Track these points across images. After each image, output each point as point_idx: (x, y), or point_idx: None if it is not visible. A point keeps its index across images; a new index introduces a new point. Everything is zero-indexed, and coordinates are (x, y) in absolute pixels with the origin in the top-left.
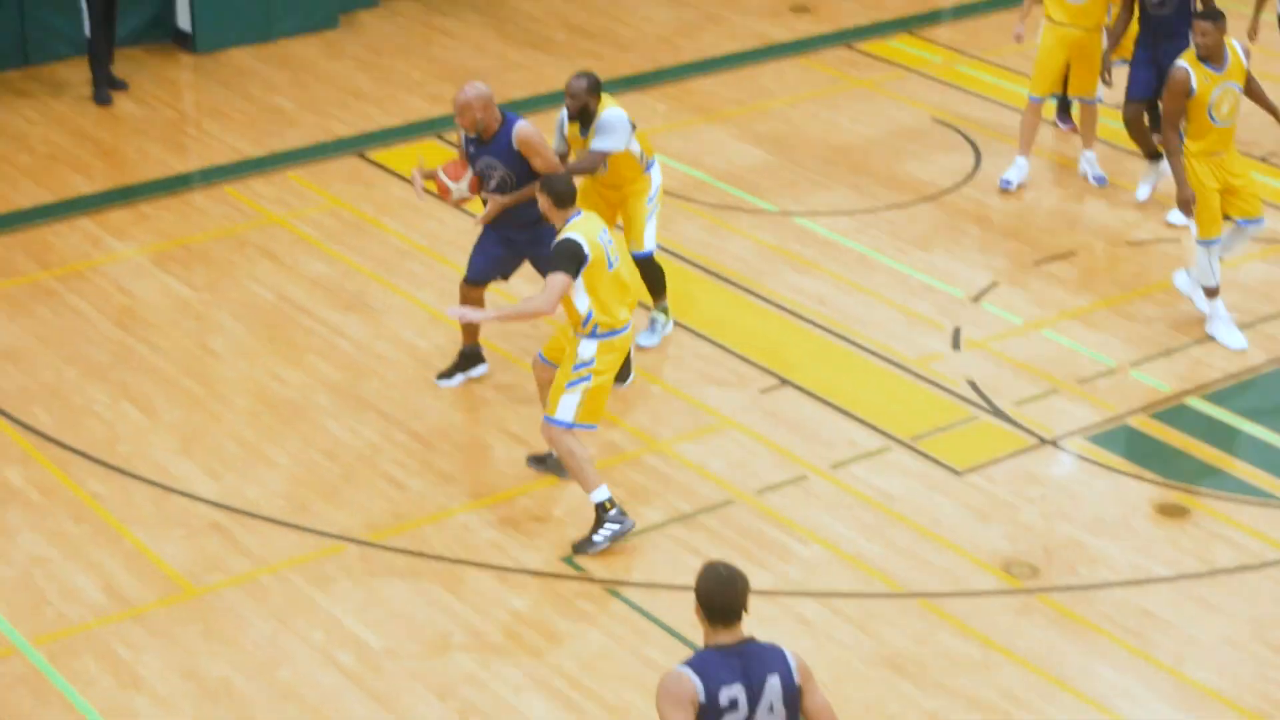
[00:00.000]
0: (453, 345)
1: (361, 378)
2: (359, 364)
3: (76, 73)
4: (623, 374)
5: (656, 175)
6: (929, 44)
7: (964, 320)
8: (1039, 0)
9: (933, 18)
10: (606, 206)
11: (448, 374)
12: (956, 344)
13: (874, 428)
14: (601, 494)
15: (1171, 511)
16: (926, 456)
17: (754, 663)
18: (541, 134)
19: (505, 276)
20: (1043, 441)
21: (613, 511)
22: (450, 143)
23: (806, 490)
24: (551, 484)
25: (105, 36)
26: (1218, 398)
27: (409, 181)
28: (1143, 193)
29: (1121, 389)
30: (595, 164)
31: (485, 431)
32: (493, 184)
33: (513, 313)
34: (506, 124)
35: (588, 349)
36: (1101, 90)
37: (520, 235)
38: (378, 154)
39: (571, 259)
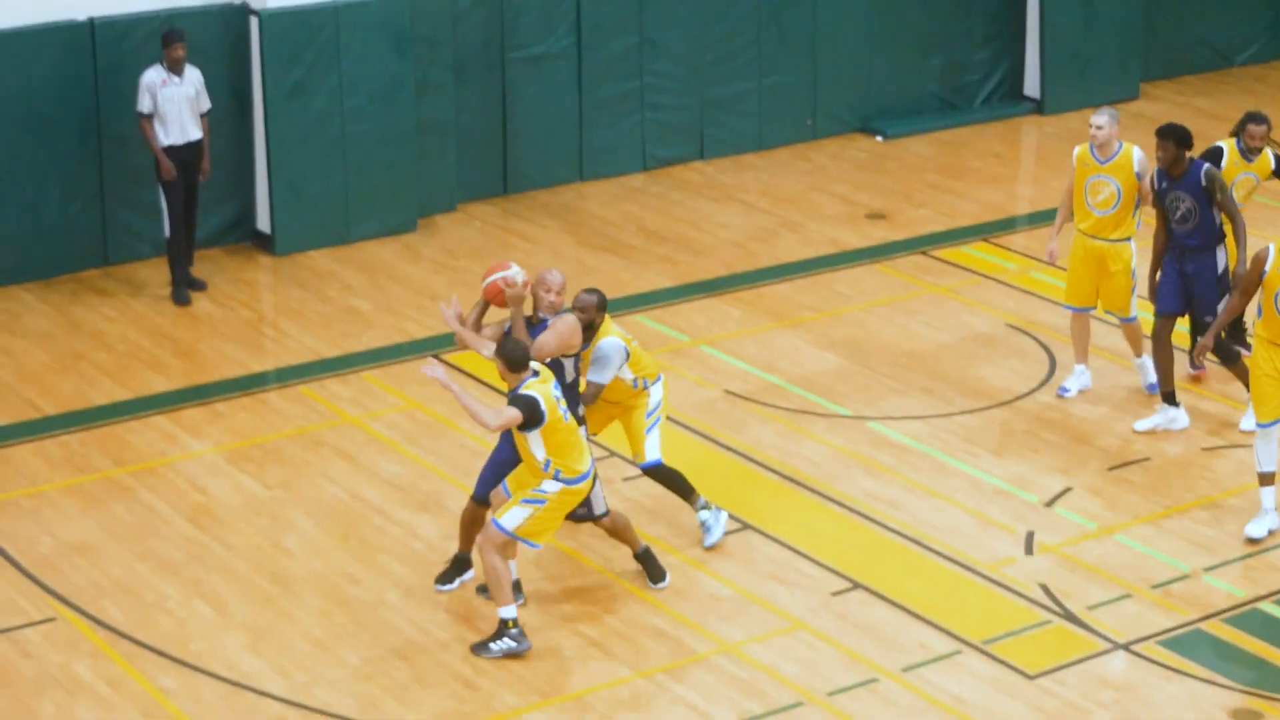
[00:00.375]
0: (525, 548)
1: (434, 578)
2: (432, 564)
3: (156, 273)
4: (657, 574)
5: (657, 392)
6: (1003, 251)
7: (1037, 525)
8: (1072, 216)
9: (1007, 225)
10: (606, 418)
11: (445, 579)
12: (1029, 549)
13: (946, 631)
14: (509, 612)
15: (1246, 717)
16: (998, 660)
17: None
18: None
19: None
20: (1115, 646)
21: (514, 630)
22: None
23: (877, 694)
24: (617, 683)
25: (185, 237)
26: None
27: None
28: (1143, 425)
29: (1195, 594)
30: (595, 396)
31: (554, 632)
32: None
33: (468, 402)
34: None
35: (551, 487)
36: (1135, 308)
37: None
38: (453, 356)
39: (526, 408)
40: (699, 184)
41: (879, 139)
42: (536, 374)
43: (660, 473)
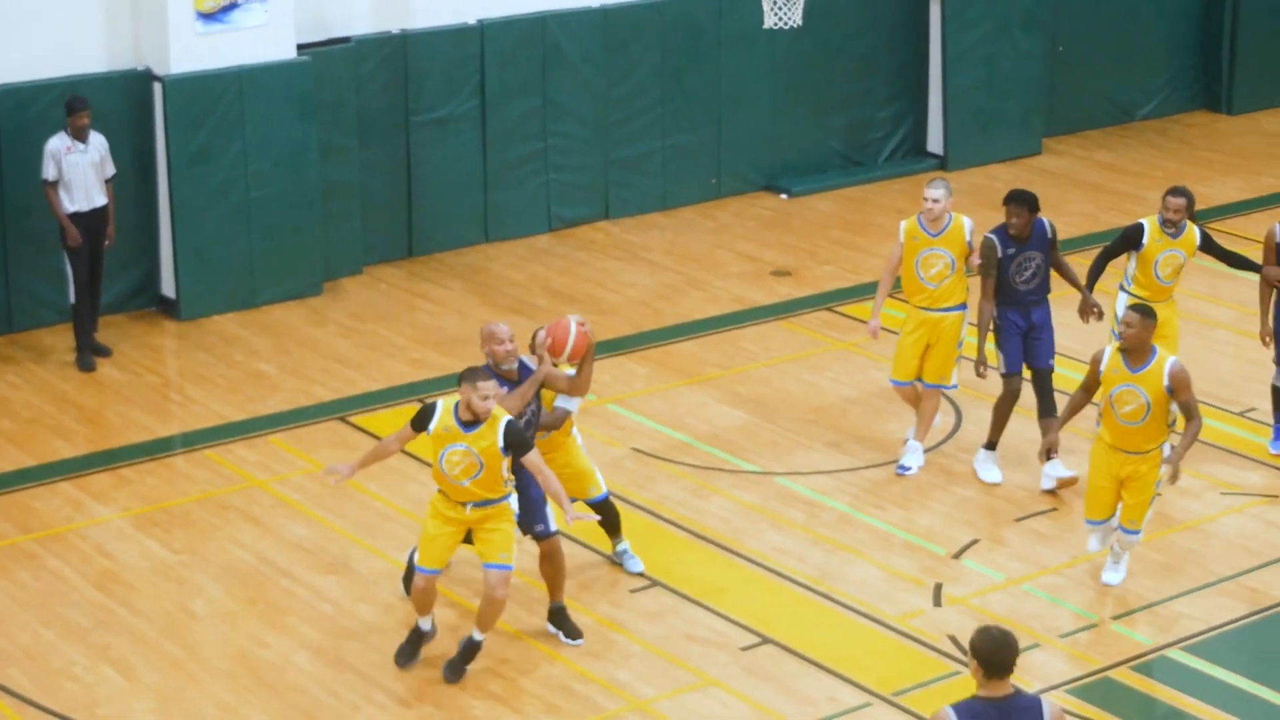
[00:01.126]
0: (436, 608)
1: (342, 640)
2: (340, 626)
3: (61, 339)
4: (573, 631)
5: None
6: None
7: (945, 577)
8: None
9: None
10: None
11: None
12: (938, 600)
13: (855, 684)
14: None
15: None
16: (908, 712)
17: (1014, 714)
18: None
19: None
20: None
21: None
22: None
23: None
24: None
25: (90, 304)
26: (1198, 650)
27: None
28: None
29: (1103, 642)
30: (562, 421)
31: (465, 693)
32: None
33: (552, 482)
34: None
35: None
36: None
37: None
38: (360, 418)
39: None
40: (604, 244)
41: (783, 197)
42: None
43: (609, 506)
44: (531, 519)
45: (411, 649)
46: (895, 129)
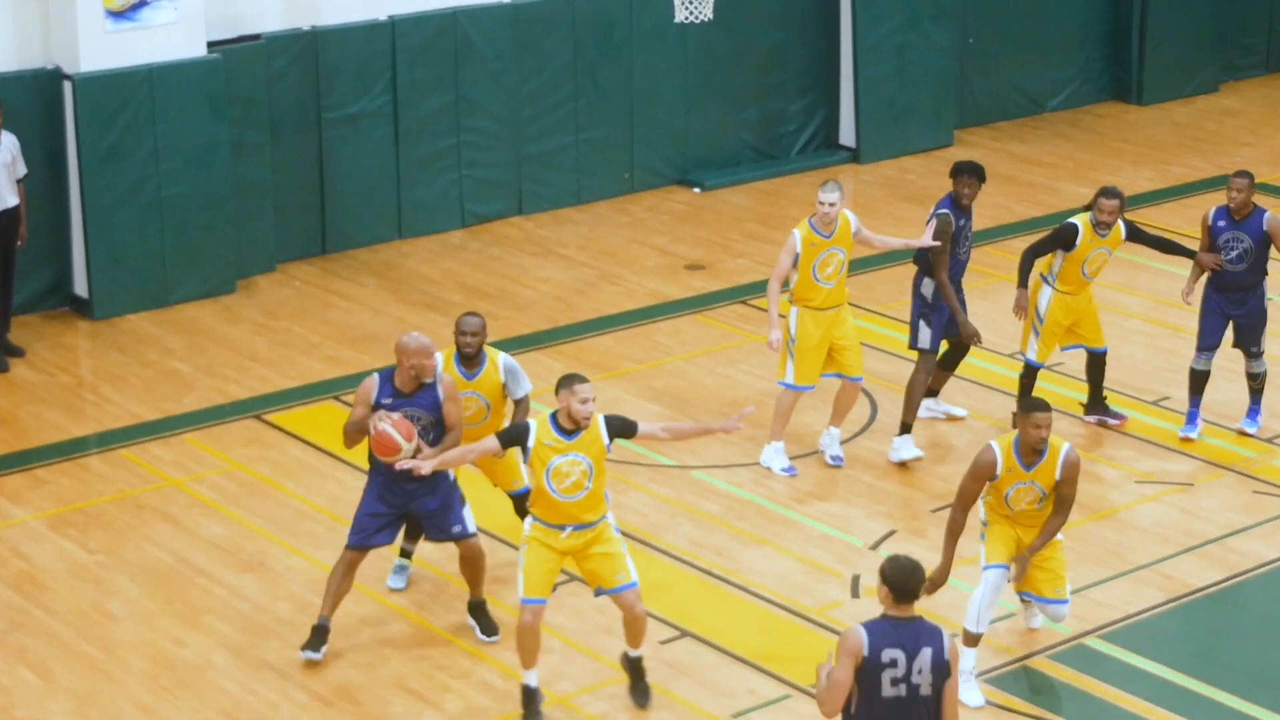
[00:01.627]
0: (354, 605)
1: (260, 638)
2: (258, 624)
3: None
4: (489, 628)
5: None
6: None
7: (863, 568)
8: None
9: None
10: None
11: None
12: (856, 592)
13: (775, 676)
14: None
15: None
16: None
17: (916, 634)
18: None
19: (390, 540)
20: None
21: None
22: (346, 403)
23: None
24: None
25: (1, 303)
26: (1115, 637)
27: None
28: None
29: (1021, 632)
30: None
31: (384, 689)
32: (419, 430)
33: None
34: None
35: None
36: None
37: (409, 488)
38: (275, 416)
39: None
40: (518, 239)
41: (696, 190)
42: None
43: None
44: (448, 521)
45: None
46: (807, 122)
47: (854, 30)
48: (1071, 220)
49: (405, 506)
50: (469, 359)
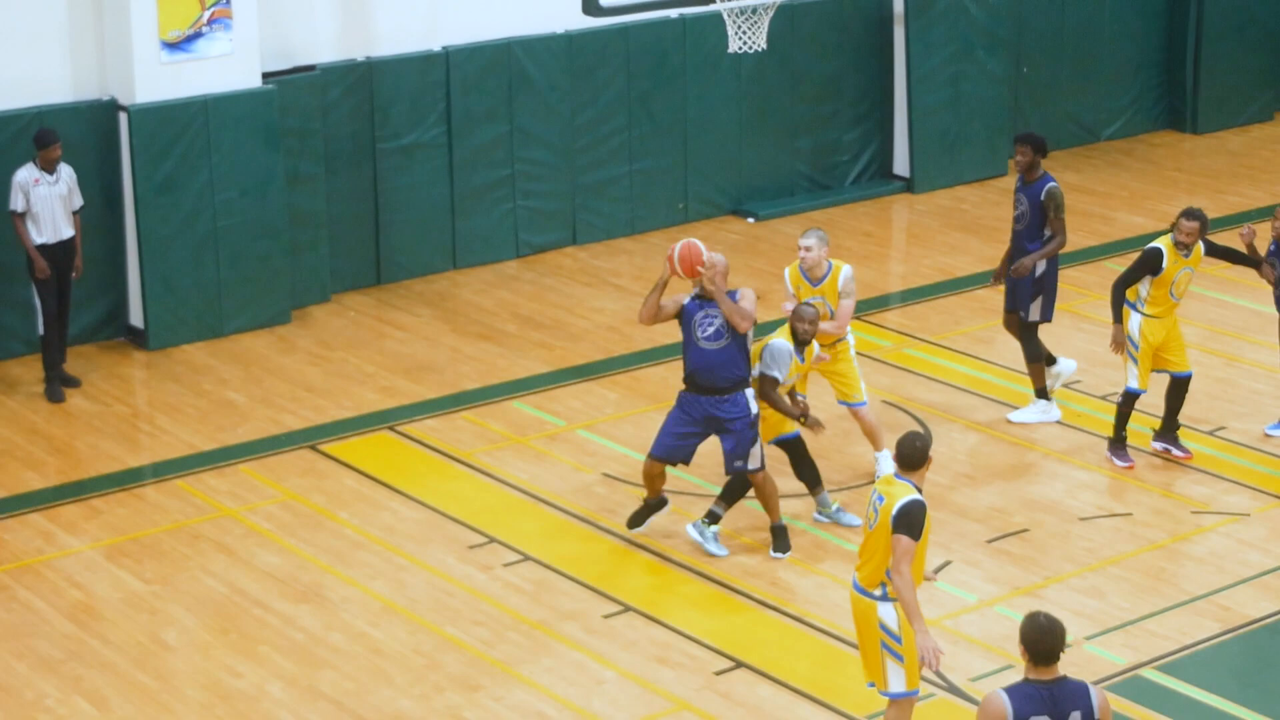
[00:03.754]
0: (408, 635)
1: (315, 669)
2: (312, 655)
3: (29, 371)
4: (780, 546)
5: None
6: (878, 328)
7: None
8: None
9: (881, 303)
10: None
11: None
12: None
13: (829, 707)
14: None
15: None
16: None
17: (1062, 697)
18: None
19: (686, 461)
20: None
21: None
22: (401, 433)
23: None
24: None
25: (58, 334)
26: (1172, 669)
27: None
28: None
29: (1076, 662)
30: (773, 390)
31: (433, 717)
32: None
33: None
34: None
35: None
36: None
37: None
38: (330, 446)
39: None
40: (572, 269)
41: (750, 221)
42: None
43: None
44: (735, 455)
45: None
46: (861, 151)
47: (908, 60)
48: (1155, 245)
49: (706, 421)
50: (802, 345)
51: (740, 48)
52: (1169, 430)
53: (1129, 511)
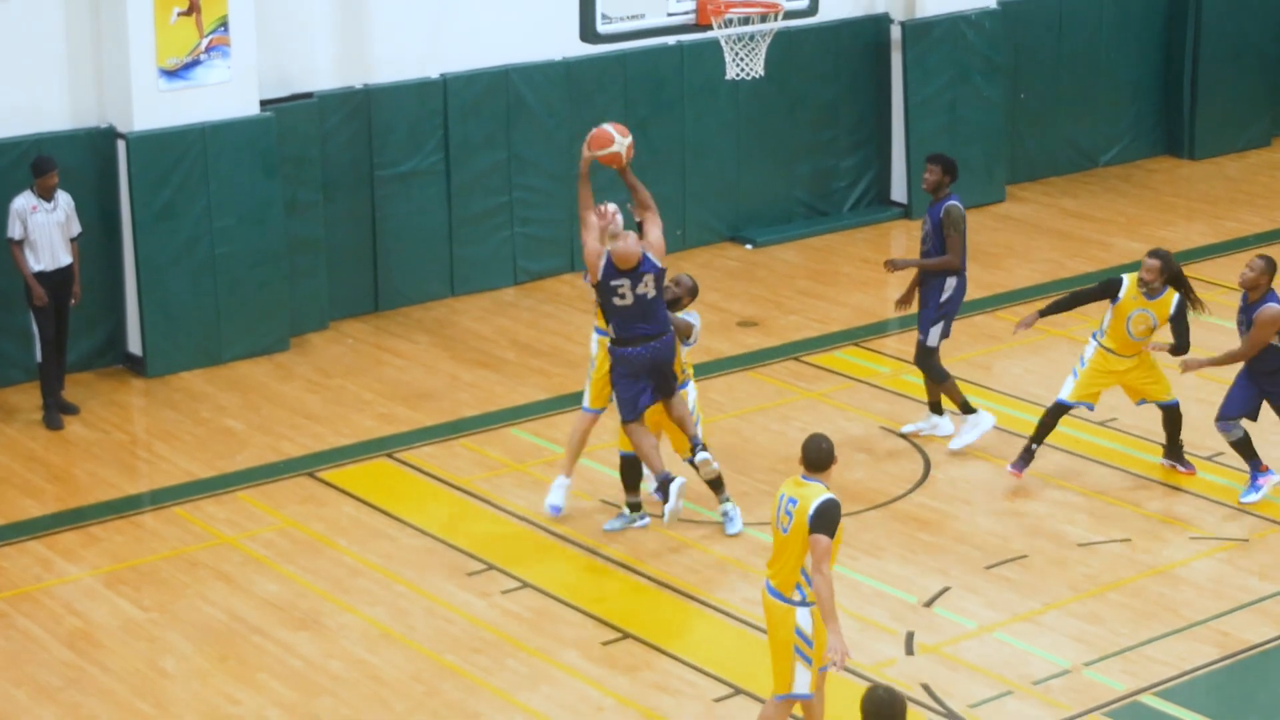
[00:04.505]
0: (407, 662)
1: (314, 696)
2: (311, 682)
3: (28, 398)
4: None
5: (691, 391)
6: (875, 355)
7: (917, 625)
8: None
9: (878, 329)
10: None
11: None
12: (910, 649)
13: None
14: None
15: None
16: None
17: None
18: None
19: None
20: None
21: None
22: (399, 460)
23: None
24: None
25: (56, 362)
26: (1171, 695)
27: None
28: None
29: (1076, 689)
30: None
31: None
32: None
33: None
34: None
35: None
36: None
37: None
38: (328, 474)
39: None
40: (570, 296)
41: (748, 247)
42: None
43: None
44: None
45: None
46: (859, 178)
47: (905, 86)
48: (1122, 275)
49: (648, 363)
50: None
51: (738, 74)
52: (1173, 451)
53: (1127, 537)
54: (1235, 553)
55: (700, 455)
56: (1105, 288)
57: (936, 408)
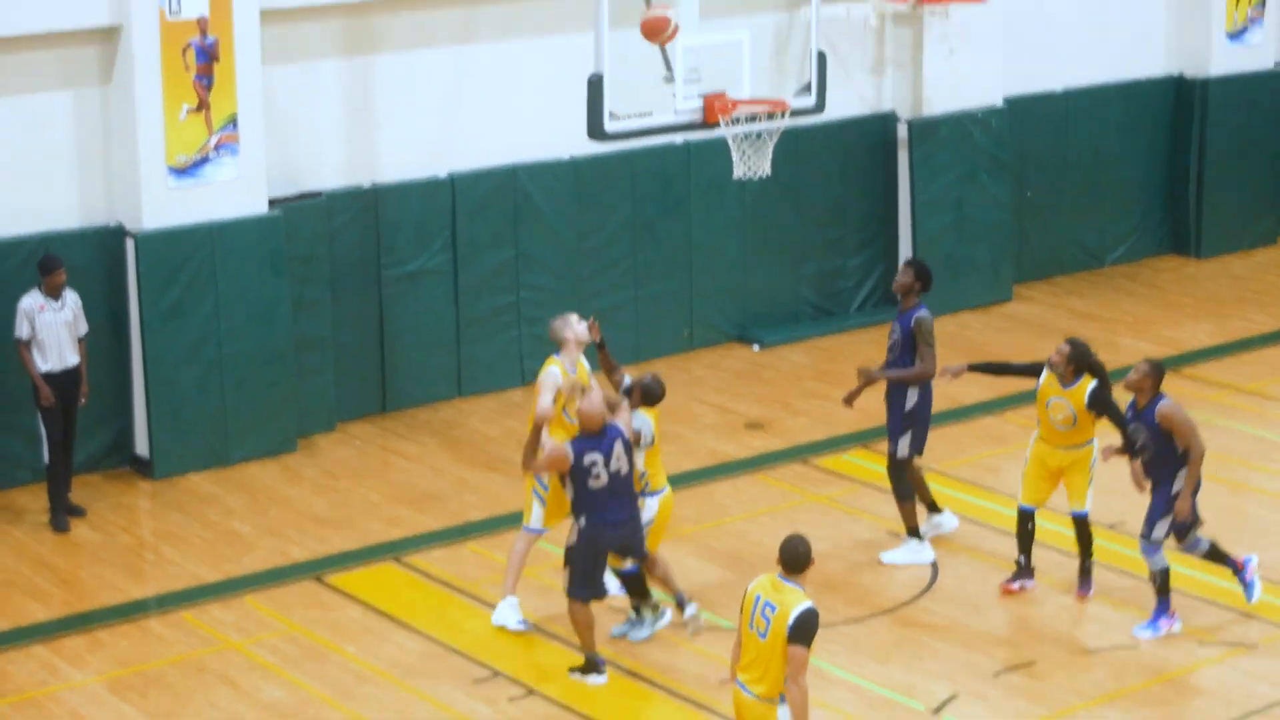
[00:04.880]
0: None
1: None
2: None
3: (35, 499)
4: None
5: (652, 505)
6: (883, 458)
7: None
8: None
9: (884, 432)
10: None
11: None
12: None
13: None
14: None
15: None
16: None
17: None
18: None
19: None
20: None
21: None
22: (406, 564)
23: None
24: None
25: (63, 463)
26: None
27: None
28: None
29: None
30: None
31: None
32: None
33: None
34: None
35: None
36: None
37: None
38: (335, 578)
39: None
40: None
41: (755, 348)
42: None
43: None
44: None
45: None
46: (866, 277)
47: (911, 184)
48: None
49: (617, 544)
50: None
51: (745, 173)
52: (1081, 566)
53: (1135, 643)
54: (1243, 658)
55: (689, 611)
56: (1030, 369)
57: (934, 507)
